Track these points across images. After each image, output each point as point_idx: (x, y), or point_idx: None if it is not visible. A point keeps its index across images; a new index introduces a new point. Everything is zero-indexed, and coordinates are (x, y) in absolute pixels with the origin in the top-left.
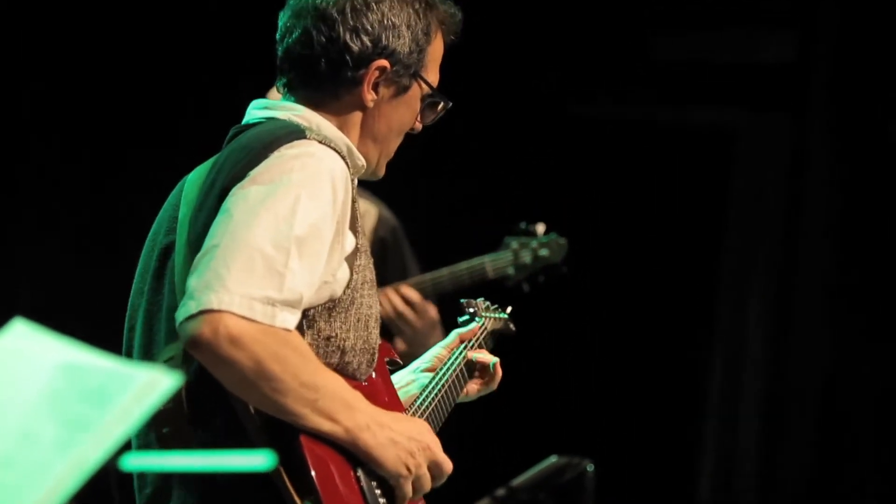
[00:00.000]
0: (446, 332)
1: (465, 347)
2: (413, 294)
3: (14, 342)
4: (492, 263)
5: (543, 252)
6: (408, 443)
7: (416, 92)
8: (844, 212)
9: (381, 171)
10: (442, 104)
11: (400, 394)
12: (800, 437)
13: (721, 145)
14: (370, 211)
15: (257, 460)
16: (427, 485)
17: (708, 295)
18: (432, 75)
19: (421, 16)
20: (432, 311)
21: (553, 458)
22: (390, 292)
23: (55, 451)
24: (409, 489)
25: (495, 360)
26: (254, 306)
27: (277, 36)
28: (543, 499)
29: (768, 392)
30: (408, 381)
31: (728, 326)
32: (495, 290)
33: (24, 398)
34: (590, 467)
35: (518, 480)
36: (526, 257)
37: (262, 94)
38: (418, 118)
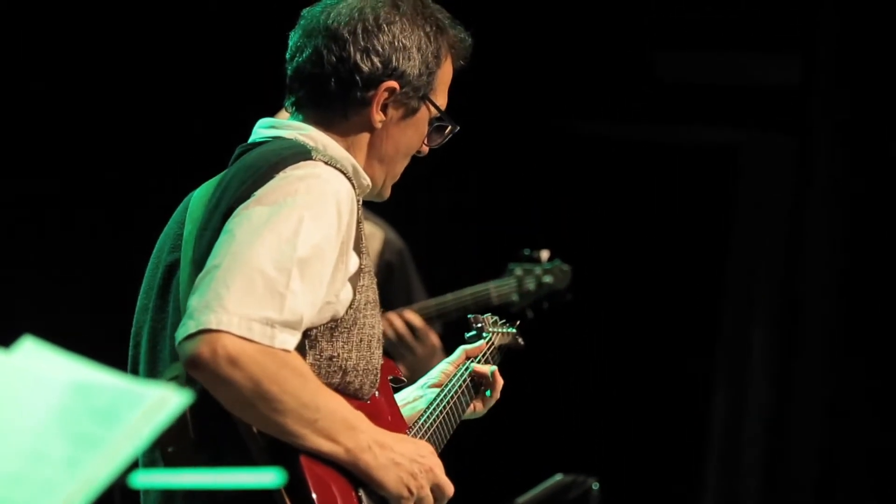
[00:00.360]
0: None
1: (471, 363)
2: (416, 319)
3: (23, 360)
4: (496, 290)
5: (547, 279)
6: (410, 464)
7: (424, 114)
8: (848, 230)
9: (387, 193)
10: (449, 128)
11: (406, 409)
12: (804, 452)
13: (725, 165)
14: (376, 234)
15: (260, 480)
16: None
17: (712, 313)
18: (441, 98)
19: (432, 39)
20: (434, 337)
21: (558, 476)
22: (393, 317)
23: (64, 469)
24: None
25: (493, 368)
26: (252, 327)
27: (287, 54)
28: None
29: (773, 409)
30: (415, 396)
31: (732, 343)
32: (500, 310)
33: (34, 416)
34: (595, 485)
35: (523, 499)
36: (530, 284)
37: (270, 111)
38: (425, 141)
